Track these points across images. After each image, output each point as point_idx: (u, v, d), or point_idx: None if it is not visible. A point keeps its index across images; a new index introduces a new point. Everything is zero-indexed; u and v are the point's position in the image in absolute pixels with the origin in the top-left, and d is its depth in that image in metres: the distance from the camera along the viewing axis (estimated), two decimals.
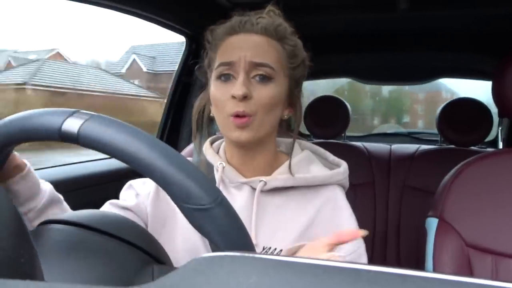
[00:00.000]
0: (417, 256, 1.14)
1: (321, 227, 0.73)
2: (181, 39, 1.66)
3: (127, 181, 0.79)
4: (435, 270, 0.98)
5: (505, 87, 1.02)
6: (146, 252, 0.42)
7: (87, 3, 1.12)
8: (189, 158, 0.85)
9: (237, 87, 0.67)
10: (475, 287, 0.19)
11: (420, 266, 1.06)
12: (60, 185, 1.17)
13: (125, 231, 0.42)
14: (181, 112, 1.71)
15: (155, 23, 1.42)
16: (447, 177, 1.06)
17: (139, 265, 0.40)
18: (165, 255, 0.46)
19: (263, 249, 0.72)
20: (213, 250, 0.37)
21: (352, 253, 0.71)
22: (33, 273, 0.31)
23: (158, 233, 0.72)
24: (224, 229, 0.37)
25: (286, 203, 0.75)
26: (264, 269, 0.21)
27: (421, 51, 1.82)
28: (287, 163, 0.76)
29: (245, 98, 0.67)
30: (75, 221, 0.42)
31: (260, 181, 0.73)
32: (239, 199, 0.75)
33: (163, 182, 0.37)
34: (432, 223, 1.03)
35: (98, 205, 0.74)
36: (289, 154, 0.78)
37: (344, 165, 0.80)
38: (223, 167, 0.76)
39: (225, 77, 0.71)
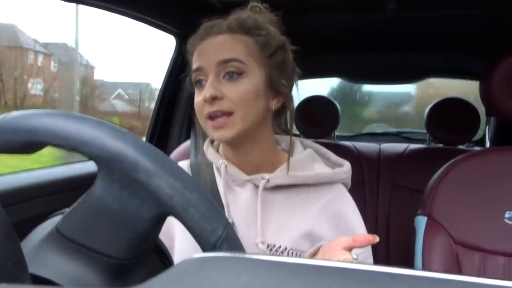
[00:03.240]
0: (406, 254, 1.14)
1: (328, 224, 0.73)
2: None
3: None
4: (424, 267, 0.99)
5: (493, 86, 1.04)
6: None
7: (71, 2, 1.11)
8: (183, 162, 0.84)
9: (205, 90, 0.69)
10: (463, 285, 0.19)
11: (410, 264, 1.06)
12: (35, 189, 1.13)
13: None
14: (171, 113, 1.70)
15: (144, 22, 1.41)
16: (435, 175, 1.07)
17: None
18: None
19: (268, 246, 0.71)
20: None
21: (362, 253, 0.72)
22: (20, 277, 0.31)
23: (171, 248, 0.72)
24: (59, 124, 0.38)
25: (290, 200, 0.74)
26: (255, 269, 0.21)
27: (410, 51, 1.83)
28: (289, 160, 0.76)
29: (215, 99, 0.68)
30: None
31: (263, 178, 0.73)
32: (243, 197, 0.75)
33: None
34: (421, 222, 1.04)
35: None
36: (290, 152, 0.77)
37: (347, 165, 0.80)
38: (226, 166, 0.76)
39: (199, 83, 0.73)
